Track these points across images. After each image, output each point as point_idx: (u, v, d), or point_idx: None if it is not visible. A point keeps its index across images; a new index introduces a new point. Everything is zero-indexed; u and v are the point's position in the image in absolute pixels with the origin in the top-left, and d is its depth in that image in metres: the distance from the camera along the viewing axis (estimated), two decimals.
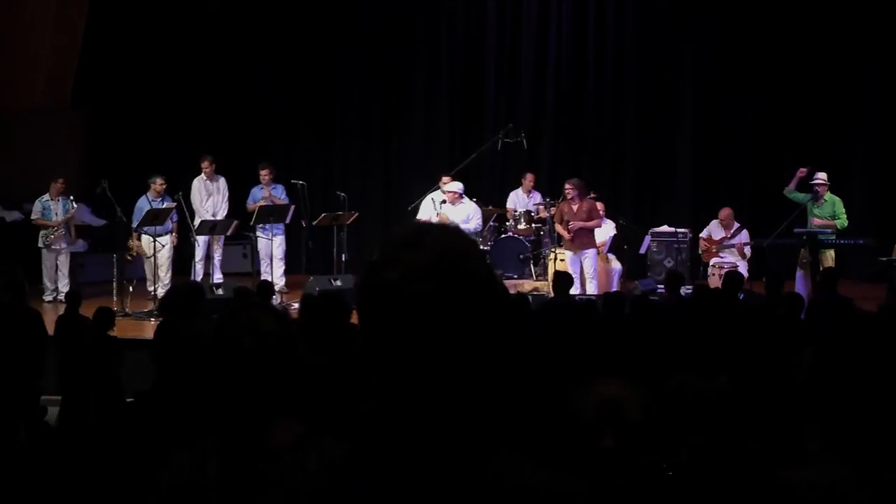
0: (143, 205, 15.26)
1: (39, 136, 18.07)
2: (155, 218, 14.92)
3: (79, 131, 19.21)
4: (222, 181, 16.27)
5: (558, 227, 15.26)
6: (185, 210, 15.47)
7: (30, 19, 17.94)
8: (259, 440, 2.71)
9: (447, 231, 1.91)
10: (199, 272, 15.55)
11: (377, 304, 1.85)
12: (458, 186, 15.66)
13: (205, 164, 16.07)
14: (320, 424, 2.83)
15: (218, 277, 15.79)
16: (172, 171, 16.03)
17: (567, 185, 15.07)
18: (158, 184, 15.42)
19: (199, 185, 16.07)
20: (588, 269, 14.90)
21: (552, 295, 11.82)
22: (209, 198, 16.09)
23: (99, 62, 18.82)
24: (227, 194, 16.25)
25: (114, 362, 9.44)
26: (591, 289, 14.49)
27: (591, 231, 14.99)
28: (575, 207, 14.93)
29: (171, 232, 15.56)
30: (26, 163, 17.34)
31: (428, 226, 1.95)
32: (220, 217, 15.99)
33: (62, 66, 18.73)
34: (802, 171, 14.58)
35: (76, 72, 18.93)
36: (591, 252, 14.94)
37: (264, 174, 15.96)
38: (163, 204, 15.28)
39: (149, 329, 12.79)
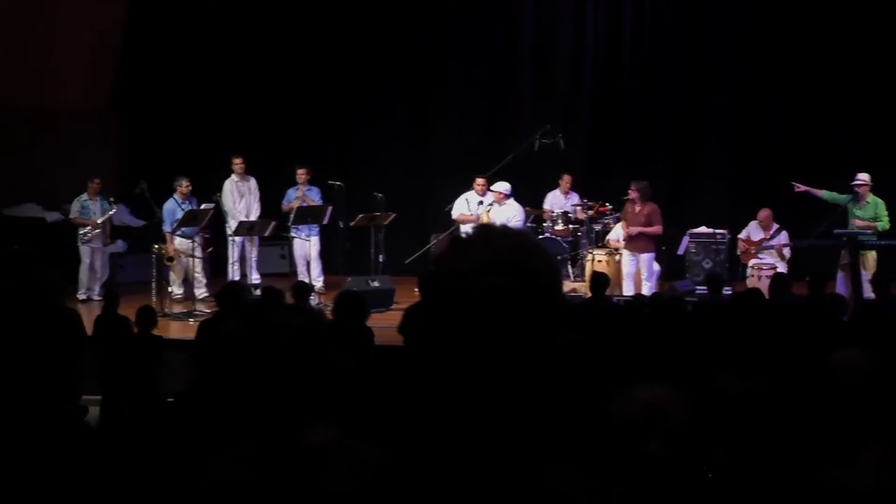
0: (172, 207, 15.30)
1: (79, 137, 18.16)
2: (193, 219, 14.97)
3: (118, 132, 19.29)
4: (253, 182, 16.27)
5: (622, 226, 15.22)
6: (223, 211, 15.50)
7: (69, 20, 18.03)
8: (293, 443, 2.67)
9: (512, 231, 1.91)
10: (235, 273, 15.52)
11: (444, 297, 1.84)
12: (504, 187, 15.58)
13: (236, 161, 16.03)
14: (353, 427, 2.79)
15: (255, 278, 15.85)
16: (210, 173, 16.07)
17: (630, 187, 15.04)
18: (184, 185, 15.46)
19: (230, 186, 16.05)
20: (644, 271, 14.91)
21: (589, 296, 11.78)
22: (241, 199, 16.09)
23: (138, 63, 18.91)
24: (258, 195, 16.25)
25: (155, 362, 9.47)
26: (646, 291, 14.39)
27: (649, 235, 14.96)
28: (637, 209, 14.93)
29: (198, 234, 15.57)
30: (66, 164, 17.42)
31: (493, 227, 1.95)
32: (253, 218, 15.99)
33: (102, 68, 18.83)
34: (799, 188, 14.58)
35: (116, 73, 19.03)
36: (647, 256, 14.97)
37: (301, 174, 15.95)
38: (190, 206, 15.31)
39: (188, 329, 12.83)
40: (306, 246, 15.92)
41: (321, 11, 19.07)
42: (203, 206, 15.35)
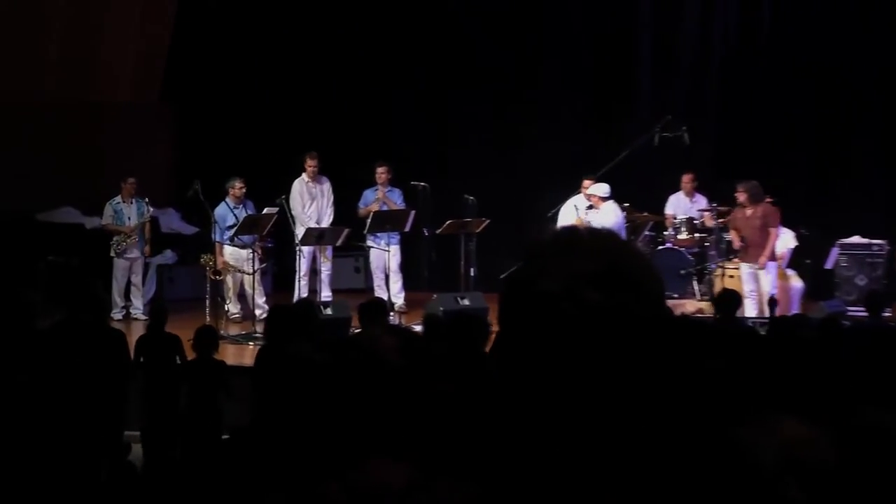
0: (223, 212, 15.36)
1: (126, 133, 18.44)
2: (254, 225, 15.01)
3: (168, 129, 19.54)
4: (326, 183, 16.22)
5: (732, 235, 15.06)
6: (290, 216, 15.55)
7: (118, 10, 18.38)
8: (367, 484, 2.70)
9: (603, 236, 1.88)
10: (303, 289, 15.57)
11: (532, 319, 1.81)
12: (601, 189, 15.47)
13: (310, 161, 15.96)
14: (442, 463, 2.81)
15: (326, 295, 15.81)
16: (272, 172, 16.18)
17: (738, 189, 14.82)
18: (237, 187, 15.45)
19: (300, 187, 16.01)
20: (766, 286, 14.63)
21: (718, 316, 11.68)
22: (312, 202, 16.06)
23: (191, 54, 19.16)
24: (332, 198, 16.20)
25: (220, 391, 9.51)
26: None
27: (767, 241, 14.69)
28: (748, 213, 14.70)
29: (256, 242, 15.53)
30: (112, 163, 17.65)
31: (578, 231, 1.92)
32: (325, 224, 15.96)
33: (151, 58, 19.15)
34: None
35: (167, 64, 19.30)
36: (770, 263, 14.70)
37: (381, 172, 15.97)
38: (244, 210, 15.37)
39: (246, 354, 12.92)
40: (385, 257, 15.91)
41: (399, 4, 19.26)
42: (265, 211, 15.39)
